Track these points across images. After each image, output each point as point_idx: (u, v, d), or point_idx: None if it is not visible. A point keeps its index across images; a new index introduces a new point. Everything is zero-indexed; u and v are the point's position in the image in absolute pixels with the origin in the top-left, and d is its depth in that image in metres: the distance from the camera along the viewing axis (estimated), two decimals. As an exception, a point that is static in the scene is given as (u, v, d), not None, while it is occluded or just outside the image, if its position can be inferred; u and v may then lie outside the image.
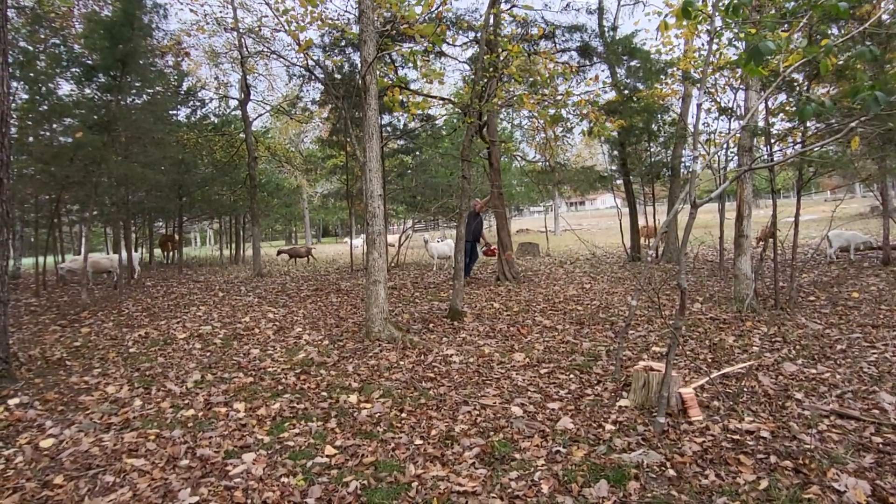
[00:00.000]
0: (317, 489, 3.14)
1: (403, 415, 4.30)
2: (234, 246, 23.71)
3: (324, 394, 4.86)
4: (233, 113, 19.91)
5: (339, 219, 45.09)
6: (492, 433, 3.88)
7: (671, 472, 3.21)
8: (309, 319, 8.19)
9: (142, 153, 12.32)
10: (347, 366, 5.65)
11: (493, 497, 3.00)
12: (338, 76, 13.53)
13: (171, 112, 16.13)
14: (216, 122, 19.61)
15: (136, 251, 18.15)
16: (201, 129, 18.34)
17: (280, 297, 10.63)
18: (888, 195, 12.81)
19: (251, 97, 16.11)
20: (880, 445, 3.45)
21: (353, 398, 4.68)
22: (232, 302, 10.12)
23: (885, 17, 7.96)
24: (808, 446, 3.47)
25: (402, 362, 5.71)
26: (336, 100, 9.80)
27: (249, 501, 3.05)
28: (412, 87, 12.36)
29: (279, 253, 19.90)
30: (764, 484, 3.03)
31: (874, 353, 5.33)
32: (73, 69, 11.32)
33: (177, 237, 20.12)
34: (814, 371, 4.90)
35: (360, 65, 6.82)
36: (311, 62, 10.44)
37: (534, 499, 2.98)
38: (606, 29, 13.86)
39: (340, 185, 19.04)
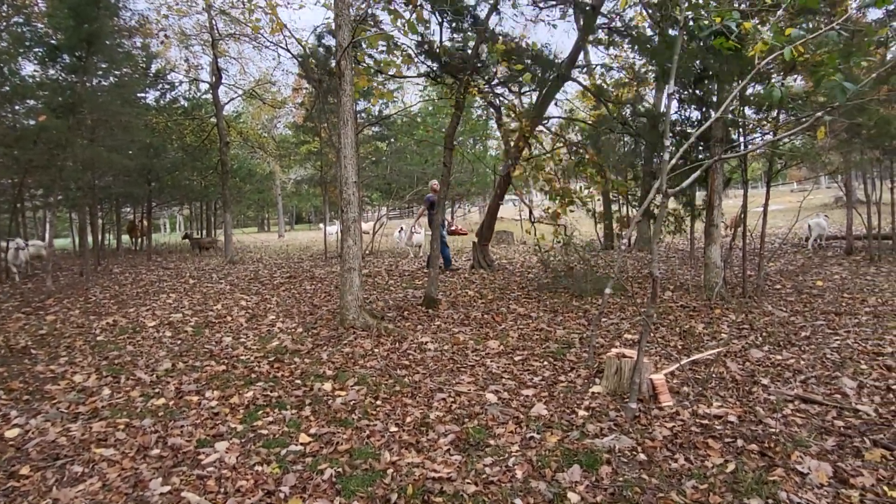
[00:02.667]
0: (291, 477, 3.13)
1: (378, 402, 4.30)
2: (204, 232, 23.33)
3: (298, 381, 4.83)
4: (203, 96, 19.49)
5: (312, 205, 44.63)
6: (466, 420, 3.90)
7: (642, 457, 3.27)
8: (282, 307, 8.12)
9: (109, 137, 12.01)
10: (322, 353, 5.63)
11: (468, 483, 3.03)
12: (312, 60, 13.34)
13: (139, 95, 15.76)
14: (186, 105, 19.19)
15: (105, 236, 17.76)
16: (171, 113, 17.92)
17: (253, 284, 10.51)
18: (852, 187, 13.17)
19: (223, 81, 15.79)
20: (842, 429, 3.57)
21: (328, 386, 4.66)
22: (203, 289, 9.97)
23: (853, 11, 8.13)
24: (774, 430, 3.57)
25: (376, 350, 5.70)
26: (312, 82, 9.65)
27: (222, 490, 3.02)
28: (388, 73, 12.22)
29: (184, 237, 21.30)
30: (731, 467, 3.11)
31: (837, 340, 5.50)
32: (37, 49, 10.95)
33: (145, 223, 19.70)
34: (779, 357, 5.04)
35: (335, 50, 6.72)
36: (285, 43, 10.26)
37: (508, 484, 3.01)
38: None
39: (314, 172, 18.86)
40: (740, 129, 7.46)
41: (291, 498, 2.94)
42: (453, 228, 12.89)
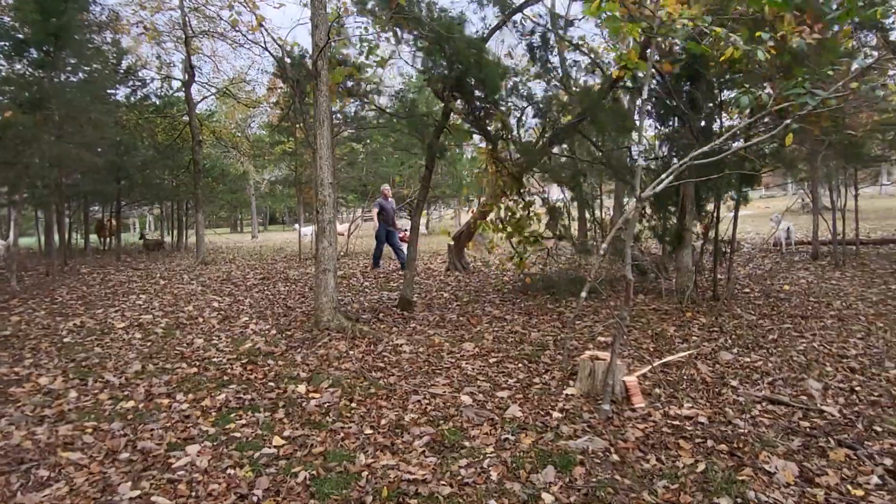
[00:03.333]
0: (264, 480, 3.10)
1: (353, 404, 4.28)
2: (176, 233, 22.91)
3: (271, 384, 4.78)
4: (176, 94, 19.15)
5: (286, 206, 44.13)
6: (442, 422, 3.90)
7: (615, 458, 3.32)
8: (256, 308, 8.02)
9: (77, 133, 11.71)
10: (296, 355, 5.58)
11: (443, 484, 3.03)
12: (288, 59, 13.22)
13: (109, 91, 15.40)
14: (158, 103, 18.83)
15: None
16: (142, 111, 17.58)
17: (225, 285, 10.37)
18: (818, 193, 13.52)
19: (196, 78, 15.56)
20: (807, 429, 3.66)
21: (302, 388, 4.62)
22: (174, 290, 9.80)
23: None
24: (742, 431, 3.65)
25: (351, 352, 5.67)
26: (288, 82, 9.56)
27: (194, 494, 2.98)
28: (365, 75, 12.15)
29: (140, 237, 21.82)
30: (701, 467, 3.17)
31: (803, 343, 5.64)
32: (2, 43, 10.65)
33: (114, 223, 19.28)
34: (748, 359, 5.15)
35: (311, 50, 6.68)
36: (263, 41, 10.14)
37: (483, 485, 3.02)
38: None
39: (289, 172, 18.69)
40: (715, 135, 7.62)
41: (265, 501, 2.91)
42: (402, 235, 12.94)
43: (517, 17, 8.08)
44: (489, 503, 2.86)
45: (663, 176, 4.06)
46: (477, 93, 7.50)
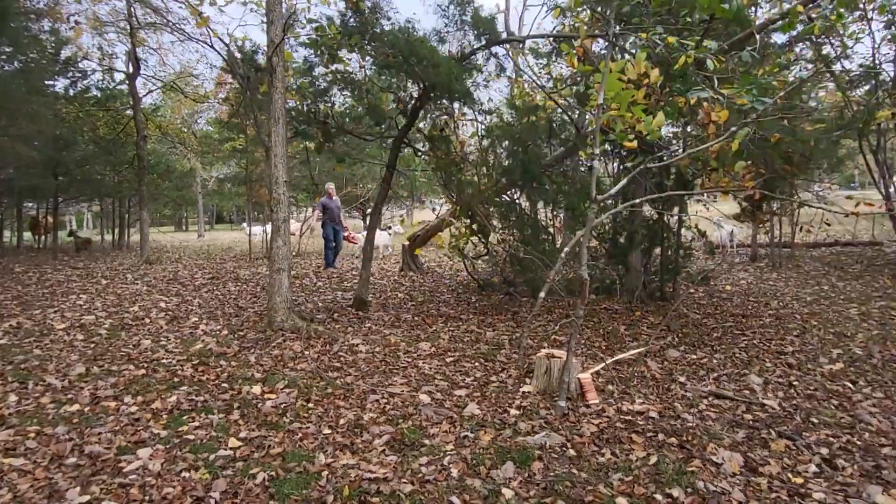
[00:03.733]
0: (221, 482, 3.03)
1: (310, 405, 4.23)
2: (117, 231, 22.02)
3: (225, 385, 4.67)
4: (118, 87, 18.40)
5: (235, 205, 43.01)
6: (401, 420, 3.91)
7: (571, 452, 3.40)
8: (205, 309, 7.82)
9: (12, 126, 11.14)
10: (249, 356, 5.47)
11: (405, 482, 3.04)
12: (238, 55, 12.91)
13: (47, 83, 14.71)
14: (99, 95, 18.05)
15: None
16: (82, 103, 16.80)
17: (172, 285, 10.05)
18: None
19: (141, 71, 15.02)
20: (751, 422, 3.85)
21: (257, 389, 4.54)
22: (118, 290, 9.43)
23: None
24: (691, 424, 3.80)
25: (307, 352, 5.61)
26: (238, 77, 9.33)
27: (147, 498, 2.89)
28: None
29: (69, 234, 21.25)
30: (653, 459, 3.29)
31: (744, 340, 5.92)
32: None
33: (49, 220, 18.38)
34: (694, 356, 5.36)
35: (266, 46, 6.57)
36: (211, 37, 9.86)
37: (444, 482, 3.05)
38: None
39: (239, 170, 18.26)
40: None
41: (222, 503, 2.85)
42: (347, 234, 12.95)
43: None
44: (450, 500, 2.89)
45: (624, 181, 4.18)
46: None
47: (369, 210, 25.52)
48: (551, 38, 7.80)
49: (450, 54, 7.04)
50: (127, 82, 15.52)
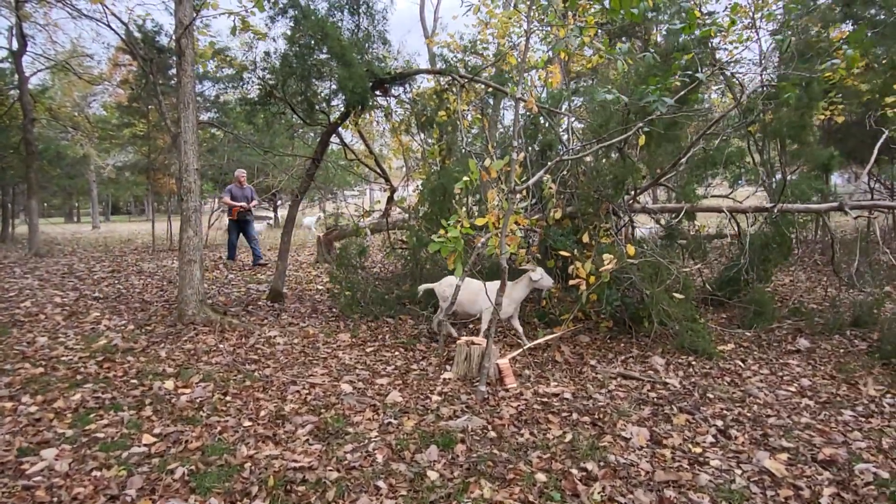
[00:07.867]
0: (137, 479, 2.91)
1: (228, 398, 4.12)
2: (0, 222, 20.14)
3: (134, 381, 4.45)
4: (1, 65, 16.80)
5: (133, 195, 40.34)
6: (323, 410, 3.90)
7: (492, 434, 3.53)
8: (107, 303, 7.35)
9: None
10: (159, 351, 5.22)
11: (330, 470, 3.05)
12: (138, 34, 12.11)
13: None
14: (-23, 74, 16.41)
15: None
16: (-43, 82, 15.24)
17: (68, 279, 9.36)
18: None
19: (28, 49, 13.79)
20: (655, 399, 4.14)
21: (170, 384, 4.36)
22: (4, 285, 8.67)
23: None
24: (602, 403, 4.04)
25: (221, 345, 5.43)
26: (139, 59, 8.79)
27: (56, 499, 2.73)
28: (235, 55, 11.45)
29: None
30: (569, 437, 3.47)
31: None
32: None
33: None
34: (602, 341, 5.67)
35: (175, 27, 6.25)
36: (107, 14, 9.19)
37: (370, 468, 3.08)
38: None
39: (140, 157, 17.17)
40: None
41: (140, 500, 2.74)
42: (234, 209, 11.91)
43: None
44: (377, 484, 2.93)
45: (541, 172, 4.35)
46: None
47: (280, 202, 24.90)
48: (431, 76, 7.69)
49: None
50: (11, 60, 14.22)
